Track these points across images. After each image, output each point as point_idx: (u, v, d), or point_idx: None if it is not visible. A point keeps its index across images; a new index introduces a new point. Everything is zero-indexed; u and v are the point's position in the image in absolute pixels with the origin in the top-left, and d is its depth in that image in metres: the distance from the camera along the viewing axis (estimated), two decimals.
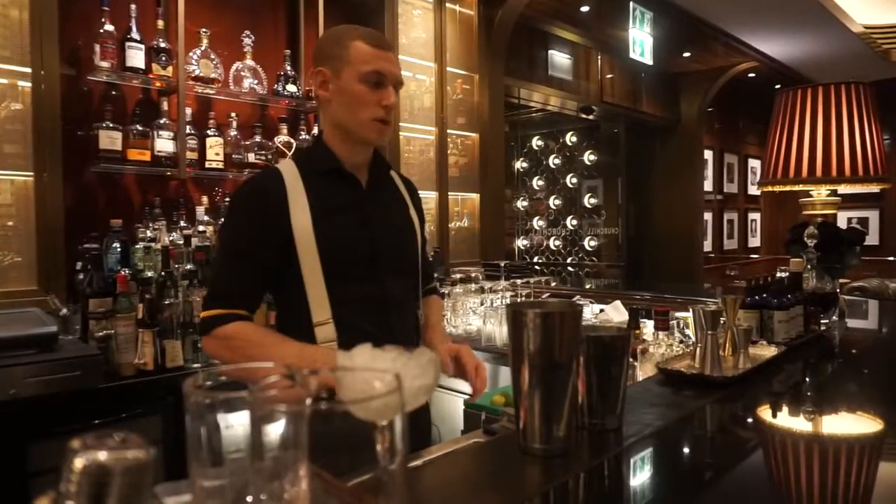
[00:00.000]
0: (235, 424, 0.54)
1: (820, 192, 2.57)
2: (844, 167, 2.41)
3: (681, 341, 1.77)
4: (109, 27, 2.38)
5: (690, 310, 1.36)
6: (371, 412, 0.50)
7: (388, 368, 0.63)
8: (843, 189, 2.59)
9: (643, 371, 1.59)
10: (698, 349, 1.31)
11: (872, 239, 7.22)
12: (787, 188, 2.59)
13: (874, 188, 2.96)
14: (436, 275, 2.84)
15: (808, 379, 1.49)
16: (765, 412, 1.18)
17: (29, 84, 2.20)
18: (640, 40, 4.79)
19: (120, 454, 0.37)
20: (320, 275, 1.25)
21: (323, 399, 0.56)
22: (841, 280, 2.31)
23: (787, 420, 1.15)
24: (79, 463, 0.36)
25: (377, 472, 0.50)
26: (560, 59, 4.86)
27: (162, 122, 2.51)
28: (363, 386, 0.55)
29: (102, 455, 0.37)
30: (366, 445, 0.50)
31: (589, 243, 6.12)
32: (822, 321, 1.82)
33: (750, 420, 1.15)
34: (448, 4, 3.64)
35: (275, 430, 0.48)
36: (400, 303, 1.35)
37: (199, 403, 0.52)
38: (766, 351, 1.47)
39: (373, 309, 1.28)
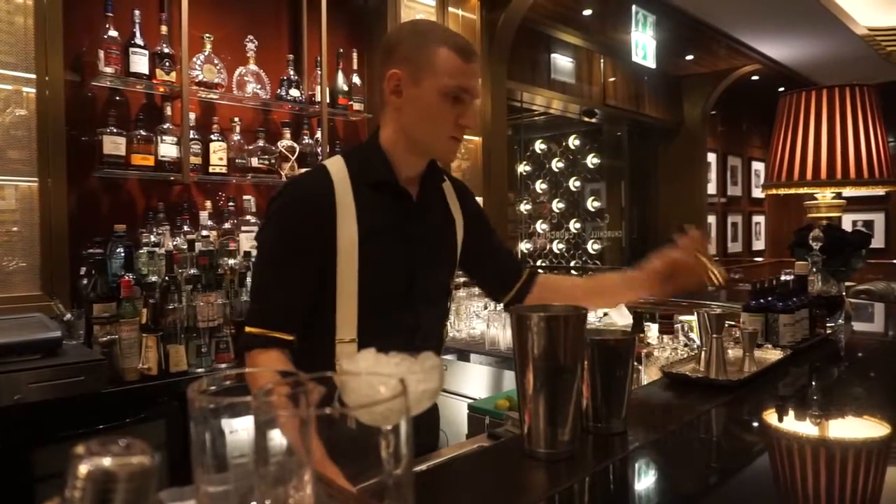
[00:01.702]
0: (240, 429, 0.54)
1: (825, 195, 2.56)
2: (849, 170, 2.40)
3: (685, 345, 1.76)
4: (113, 33, 2.39)
5: (695, 313, 1.36)
6: (376, 417, 0.50)
7: (392, 373, 0.63)
8: (848, 192, 2.59)
9: (648, 375, 1.58)
10: (703, 353, 1.30)
11: (878, 241, 7.20)
12: (792, 191, 2.58)
13: (879, 191, 2.94)
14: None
15: (814, 383, 1.48)
16: (771, 416, 1.18)
17: (33, 90, 2.21)
18: (643, 43, 4.79)
19: (124, 460, 0.37)
20: (355, 293, 1.18)
21: (328, 404, 0.56)
22: (847, 283, 2.30)
23: (794, 424, 1.14)
24: (83, 469, 0.36)
25: (382, 476, 0.50)
26: (563, 62, 4.87)
27: (165, 127, 2.52)
28: (368, 390, 0.55)
29: (107, 461, 0.37)
30: (371, 450, 0.50)
31: (592, 246, 6.11)
32: (828, 324, 1.81)
33: (756, 424, 1.15)
34: (450, 8, 3.64)
35: (279, 435, 0.48)
36: (427, 330, 1.29)
37: (203, 408, 0.52)
38: (772, 354, 1.46)
39: (399, 334, 1.21)
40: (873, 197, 6.36)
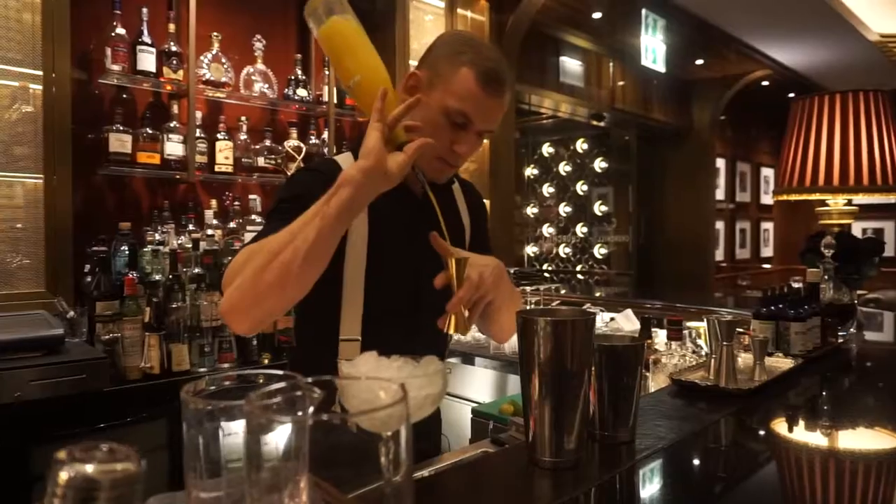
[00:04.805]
0: (235, 433, 0.52)
1: (836, 202, 2.52)
2: (862, 176, 2.37)
3: (693, 351, 1.74)
4: (121, 31, 2.39)
5: (705, 320, 1.33)
6: (376, 423, 0.48)
7: (393, 377, 0.61)
8: (860, 199, 2.55)
9: (655, 382, 1.56)
10: (713, 360, 1.27)
11: (888, 250, 7.13)
12: (803, 197, 2.55)
13: (890, 198, 2.91)
14: None
15: (826, 392, 1.45)
16: (783, 426, 1.15)
17: (40, 87, 2.21)
18: (653, 47, 4.77)
19: (108, 466, 0.35)
20: (361, 291, 1.14)
21: (325, 409, 0.54)
22: (857, 291, 2.26)
23: (805, 435, 1.11)
24: (64, 475, 0.34)
25: (381, 483, 0.48)
26: (571, 65, 4.85)
27: (172, 125, 2.52)
28: (368, 395, 0.53)
29: (89, 467, 0.35)
30: (369, 456, 0.48)
31: (599, 251, 6.08)
32: (840, 333, 1.78)
33: (767, 434, 1.12)
34: (459, 10, 3.63)
35: (275, 440, 0.46)
36: (432, 330, 1.19)
37: (196, 410, 0.50)
38: (783, 363, 1.43)
39: (404, 336, 1.14)
40: (884, 205, 6.30)
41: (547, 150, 6.03)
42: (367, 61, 1.04)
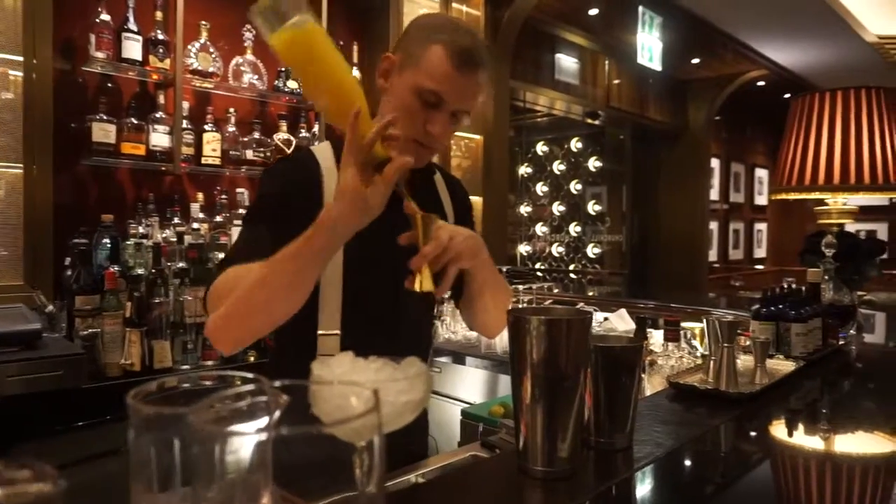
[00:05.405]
0: (188, 443, 0.47)
1: (836, 201, 2.48)
2: (863, 175, 2.32)
3: (689, 353, 1.69)
4: (106, 17, 2.32)
5: (703, 320, 1.28)
6: (348, 432, 0.43)
7: (370, 380, 0.56)
8: (854, 199, 2.51)
9: (651, 385, 1.51)
10: (712, 362, 1.23)
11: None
12: (802, 196, 2.51)
13: (883, 199, 2.87)
14: None
15: (830, 396, 1.41)
16: (787, 432, 1.10)
17: (21, 73, 2.14)
18: (649, 45, 4.73)
19: (19, 488, 0.30)
20: (339, 284, 1.12)
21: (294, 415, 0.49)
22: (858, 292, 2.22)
23: (810, 441, 1.07)
24: None
25: (352, 494, 0.43)
26: (567, 62, 4.80)
27: (158, 115, 2.45)
28: (340, 401, 0.48)
29: None
30: (341, 466, 0.43)
31: (592, 250, 6.04)
32: (840, 335, 1.73)
33: (770, 441, 1.07)
34: (454, 5, 3.58)
35: (233, 451, 0.41)
36: (414, 324, 1.22)
37: (142, 417, 0.44)
38: (784, 365, 1.38)
39: (384, 331, 1.14)
40: (878, 206, 6.30)
41: (541, 148, 5.98)
42: (333, 76, 0.95)
